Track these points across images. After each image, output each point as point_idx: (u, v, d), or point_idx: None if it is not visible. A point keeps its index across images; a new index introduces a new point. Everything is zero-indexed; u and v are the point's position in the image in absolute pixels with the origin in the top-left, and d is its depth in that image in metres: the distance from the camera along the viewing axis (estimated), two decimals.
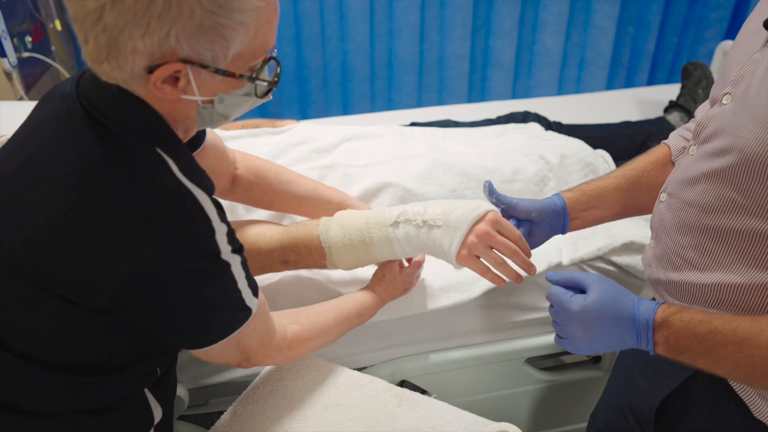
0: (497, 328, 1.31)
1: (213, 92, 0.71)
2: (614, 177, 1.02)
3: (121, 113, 0.69)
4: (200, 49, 0.65)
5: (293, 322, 0.93)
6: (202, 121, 0.75)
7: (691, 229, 0.80)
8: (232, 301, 0.77)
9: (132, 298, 0.70)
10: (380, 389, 1.05)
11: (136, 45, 0.63)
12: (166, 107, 0.72)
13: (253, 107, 0.79)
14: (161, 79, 0.66)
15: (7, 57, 1.85)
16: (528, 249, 0.99)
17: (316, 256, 1.09)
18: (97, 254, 0.67)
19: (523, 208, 1.01)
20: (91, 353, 0.77)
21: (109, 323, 0.74)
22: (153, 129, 0.71)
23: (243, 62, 0.70)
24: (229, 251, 0.74)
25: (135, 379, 0.83)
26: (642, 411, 0.92)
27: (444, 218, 1.01)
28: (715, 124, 0.78)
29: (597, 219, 1.03)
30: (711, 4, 2.79)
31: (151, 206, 0.67)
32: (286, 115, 2.75)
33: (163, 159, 0.70)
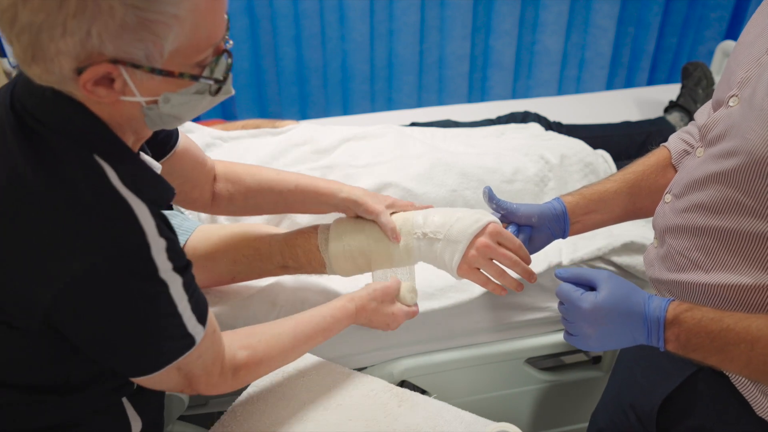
0: (497, 328, 1.31)
1: (156, 92, 0.65)
2: (614, 181, 1.02)
3: (55, 118, 0.64)
4: (129, 48, 0.59)
5: (244, 347, 0.85)
6: (151, 122, 0.69)
7: (696, 230, 0.80)
8: (171, 327, 0.70)
9: (63, 319, 0.65)
10: (380, 389, 1.05)
11: (58, 46, 0.58)
12: (106, 110, 0.66)
13: (212, 105, 0.72)
14: (92, 82, 0.61)
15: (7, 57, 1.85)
16: (528, 257, 0.99)
17: (315, 265, 1.09)
18: (25, 272, 0.63)
19: (523, 214, 1.01)
20: (45, 373, 0.73)
21: (54, 345, 0.70)
22: (91, 134, 0.66)
23: (185, 58, 0.63)
24: (170, 269, 0.68)
25: (102, 395, 0.78)
26: (644, 409, 0.92)
27: (444, 231, 1.01)
28: (721, 126, 0.78)
29: (597, 223, 1.03)
30: (711, 4, 2.79)
31: (79, 219, 0.62)
32: (286, 115, 2.75)
33: (98, 167, 0.64)
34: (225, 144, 1.52)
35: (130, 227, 0.64)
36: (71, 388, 0.75)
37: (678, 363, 0.87)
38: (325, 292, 1.21)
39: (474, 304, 1.24)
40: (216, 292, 1.19)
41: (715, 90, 0.89)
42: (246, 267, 1.13)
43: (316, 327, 0.95)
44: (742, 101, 0.76)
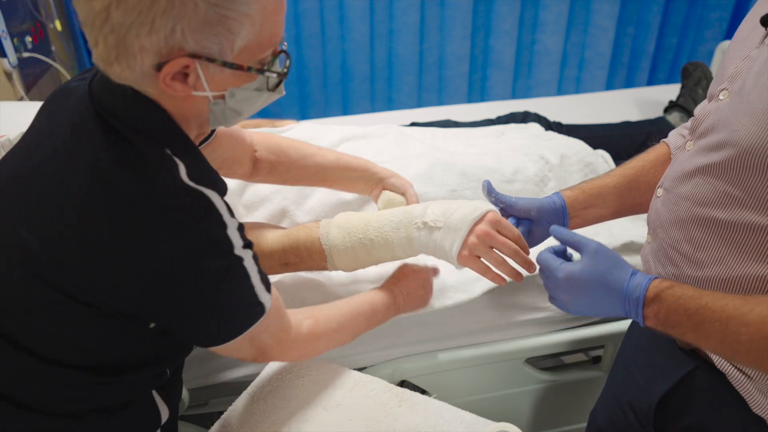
0: (497, 328, 1.31)
1: (223, 87, 0.71)
2: (613, 176, 1.02)
3: (132, 116, 0.70)
4: (206, 42, 0.65)
5: (308, 317, 0.93)
6: (215, 117, 0.75)
7: (684, 222, 0.81)
8: (247, 296, 0.77)
9: (153, 301, 0.71)
10: (380, 389, 1.05)
11: (143, 43, 0.63)
12: (177, 106, 0.72)
13: (267, 103, 0.79)
14: (170, 76, 0.66)
15: (7, 57, 1.85)
16: (527, 248, 1.00)
17: (316, 258, 1.09)
18: (114, 260, 0.68)
19: (522, 207, 1.01)
20: (108, 354, 0.78)
21: (127, 326, 0.75)
22: (163, 131, 0.71)
23: (251, 55, 0.70)
24: (241, 246, 0.75)
25: (146, 380, 0.84)
26: (641, 407, 0.92)
27: (444, 220, 1.01)
28: (711, 119, 0.79)
29: (596, 217, 1.03)
30: (711, 4, 2.80)
31: (162, 210, 0.68)
32: (286, 115, 2.75)
33: (172, 161, 0.70)
34: None
35: (208, 211, 0.71)
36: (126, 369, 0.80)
37: (675, 360, 0.87)
38: (325, 293, 1.21)
39: (474, 304, 1.24)
40: None
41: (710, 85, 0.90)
42: None
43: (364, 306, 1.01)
44: (731, 94, 0.76)
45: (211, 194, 0.72)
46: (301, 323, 0.91)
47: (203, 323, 0.77)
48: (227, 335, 0.78)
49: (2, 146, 1.22)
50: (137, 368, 0.81)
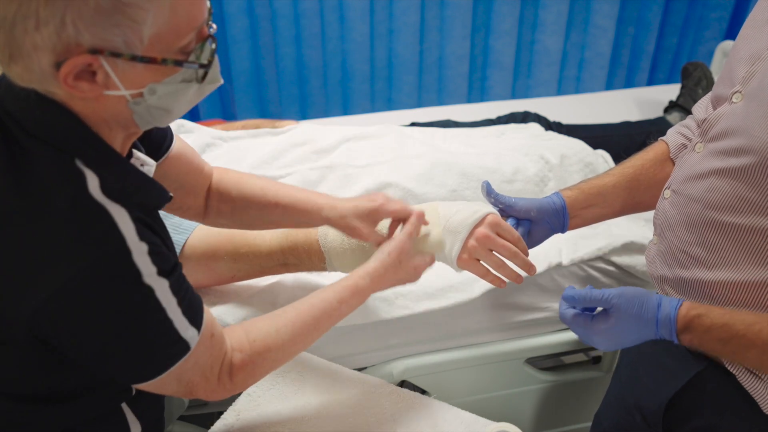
0: (497, 328, 1.31)
1: (140, 83, 0.62)
2: (613, 175, 1.02)
3: (37, 123, 0.62)
4: (107, 35, 0.57)
5: (238, 349, 0.80)
6: (141, 118, 0.66)
7: (696, 225, 0.81)
8: (162, 332, 0.68)
9: (49, 330, 0.63)
10: (380, 389, 1.05)
11: (34, 40, 0.55)
12: (90, 108, 0.63)
13: (202, 95, 0.69)
14: (72, 76, 0.58)
15: None
16: (527, 249, 0.99)
17: (315, 260, 1.09)
18: (5, 286, 0.62)
19: (521, 208, 1.01)
20: (37, 385, 0.72)
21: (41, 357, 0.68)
22: (74, 139, 0.63)
23: (166, 44, 0.61)
24: (154, 273, 0.65)
25: (100, 402, 0.77)
26: (650, 409, 0.92)
27: (444, 223, 1.01)
28: (725, 123, 0.78)
29: (596, 217, 1.03)
30: (711, 4, 2.79)
31: (56, 230, 0.61)
32: (286, 115, 2.75)
33: (78, 174, 0.62)
34: (225, 144, 1.52)
35: (108, 233, 0.62)
36: (65, 398, 0.73)
37: (683, 362, 0.87)
38: None
39: (474, 304, 1.24)
40: (216, 292, 1.19)
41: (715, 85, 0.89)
42: (246, 265, 1.13)
43: (320, 314, 0.86)
44: (746, 97, 0.76)
45: (117, 212, 0.63)
46: (231, 358, 0.79)
47: (112, 360, 0.68)
48: (144, 375, 0.70)
49: None
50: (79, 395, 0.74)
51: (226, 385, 0.79)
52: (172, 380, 0.72)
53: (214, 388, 0.78)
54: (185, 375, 0.73)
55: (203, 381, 0.76)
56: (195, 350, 0.72)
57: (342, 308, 0.89)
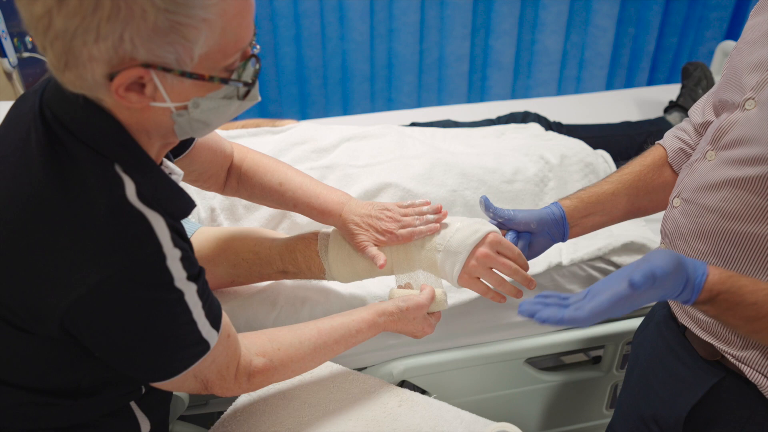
0: (497, 328, 1.31)
1: (185, 97, 0.65)
2: (611, 182, 1.02)
3: (83, 127, 0.65)
4: (160, 51, 0.60)
5: (262, 354, 0.86)
6: (180, 129, 0.69)
7: (710, 235, 0.80)
8: (187, 333, 0.72)
9: (80, 327, 0.66)
10: (380, 389, 1.05)
11: (91, 51, 0.58)
12: (135, 117, 0.66)
13: (240, 111, 0.73)
14: (124, 87, 0.61)
15: (7, 57, 1.85)
16: (527, 265, 1.00)
17: (314, 270, 1.09)
18: (43, 281, 0.64)
19: (521, 220, 1.01)
20: (57, 379, 0.74)
21: (67, 352, 0.71)
22: (114, 145, 0.66)
23: (214, 62, 0.64)
24: (184, 278, 0.69)
25: (112, 399, 0.80)
26: (667, 421, 0.91)
27: (444, 243, 1.01)
28: (738, 131, 0.77)
29: (596, 225, 1.03)
30: (711, 4, 2.80)
31: (96, 232, 0.63)
32: (286, 114, 2.75)
33: (118, 180, 0.65)
34: None
35: (146, 238, 0.65)
36: (82, 393, 0.76)
37: (698, 372, 0.86)
38: (325, 292, 1.21)
39: (474, 304, 1.24)
40: (216, 292, 1.19)
41: (717, 90, 0.88)
42: (245, 271, 1.13)
43: (339, 338, 0.94)
44: (759, 104, 0.75)
45: (154, 218, 0.66)
46: (251, 360, 0.85)
47: (137, 358, 0.71)
48: (165, 373, 0.73)
49: None
50: (95, 391, 0.77)
51: (243, 385, 0.85)
52: (190, 378, 0.76)
53: (230, 386, 0.83)
54: (202, 373, 0.77)
55: (219, 379, 0.80)
56: (213, 350, 0.76)
57: (357, 338, 0.97)
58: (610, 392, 1.46)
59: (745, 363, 0.80)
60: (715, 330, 0.83)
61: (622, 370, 1.42)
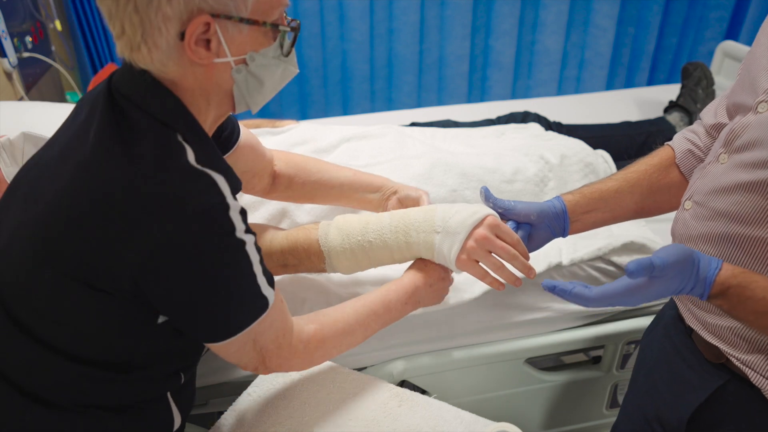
0: (497, 328, 1.31)
1: (243, 50, 0.74)
2: (615, 180, 1.01)
3: (147, 101, 0.72)
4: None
5: (312, 321, 0.90)
6: (238, 89, 0.77)
7: (720, 238, 0.79)
8: (248, 286, 0.76)
9: (152, 278, 0.70)
10: (380, 389, 1.05)
11: (165, 12, 0.67)
12: (200, 80, 0.74)
13: (285, 79, 0.81)
14: (194, 40, 0.69)
15: (7, 57, 1.85)
16: (526, 252, 0.99)
17: (315, 260, 1.09)
18: (116, 236, 0.68)
19: (521, 211, 1.00)
20: (113, 348, 0.78)
21: (133, 317, 0.75)
22: (178, 117, 0.73)
23: (263, 12, 0.73)
24: (243, 230, 0.74)
25: (157, 381, 0.83)
26: (671, 423, 0.90)
27: (443, 224, 1.01)
28: (752, 134, 0.77)
29: (598, 222, 1.02)
30: (711, 4, 2.80)
31: (163, 187, 0.68)
32: (286, 115, 2.75)
33: (180, 145, 0.72)
34: None
35: (211, 190, 0.71)
36: (133, 367, 0.79)
37: (703, 374, 0.85)
38: (325, 293, 1.21)
39: (474, 304, 1.24)
40: None
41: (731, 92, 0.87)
42: None
43: (380, 303, 0.98)
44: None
45: (216, 176, 0.72)
46: (303, 328, 0.88)
47: (203, 311, 0.75)
48: (229, 329, 0.77)
49: (2, 146, 1.22)
50: (146, 366, 0.80)
51: (300, 354, 0.87)
52: (249, 342, 0.79)
53: (287, 356, 0.85)
54: (261, 338, 0.80)
55: (276, 348, 0.83)
56: (271, 310, 0.79)
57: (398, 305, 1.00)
58: (610, 392, 1.46)
59: (750, 367, 0.80)
60: (721, 333, 0.83)
61: (622, 369, 1.42)
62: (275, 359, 0.84)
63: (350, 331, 0.94)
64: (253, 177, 1.11)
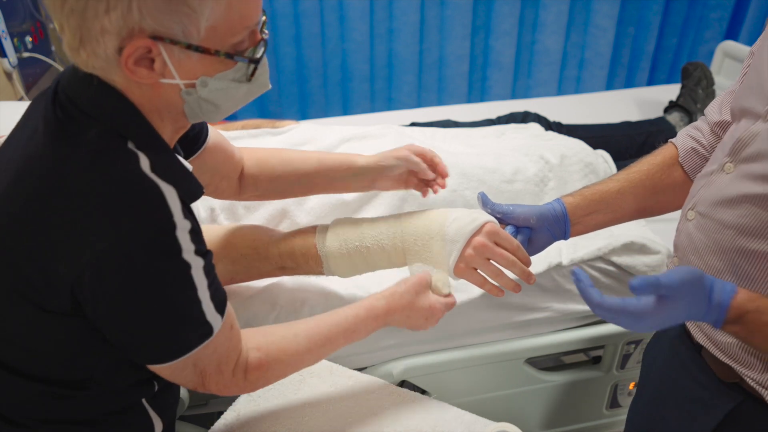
0: (497, 328, 1.31)
1: (194, 74, 0.67)
2: (617, 180, 0.99)
3: (95, 105, 0.67)
4: (168, 22, 0.61)
5: (257, 348, 0.82)
6: (191, 110, 0.71)
7: (727, 251, 0.77)
8: (191, 311, 0.70)
9: (88, 294, 0.66)
10: (380, 389, 1.05)
11: (103, 24, 0.61)
12: (147, 95, 0.68)
13: (250, 97, 0.74)
14: (133, 60, 0.63)
15: (7, 57, 1.85)
16: (527, 258, 0.97)
17: (312, 264, 1.09)
18: (55, 249, 0.64)
19: (519, 215, 0.98)
20: (71, 367, 0.75)
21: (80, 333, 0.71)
22: (129, 124, 0.68)
23: (220, 38, 0.65)
24: (192, 251, 0.69)
25: (126, 392, 0.80)
26: None
27: (441, 231, 1.01)
28: (759, 144, 0.74)
29: (600, 224, 1.00)
30: (711, 4, 2.80)
31: (108, 198, 0.64)
32: (286, 115, 2.75)
33: (132, 153, 0.66)
34: None
35: (157, 206, 0.66)
36: (95, 383, 0.76)
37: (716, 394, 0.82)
38: (325, 293, 1.21)
39: (474, 304, 1.24)
40: None
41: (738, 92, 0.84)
42: (244, 267, 1.13)
43: (336, 328, 0.89)
44: None
45: (166, 189, 0.66)
46: (247, 356, 0.81)
47: (140, 334, 0.70)
48: (167, 354, 0.72)
49: None
50: (108, 381, 0.77)
51: (239, 383, 0.81)
52: (189, 366, 0.74)
53: (227, 382, 0.80)
54: (201, 362, 0.75)
55: (217, 373, 0.78)
56: (216, 337, 0.74)
57: (358, 326, 0.91)
58: (610, 392, 1.46)
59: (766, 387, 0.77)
60: (733, 352, 0.80)
61: (622, 370, 1.42)
62: (214, 384, 0.79)
63: (298, 360, 0.87)
64: (221, 180, 1.04)
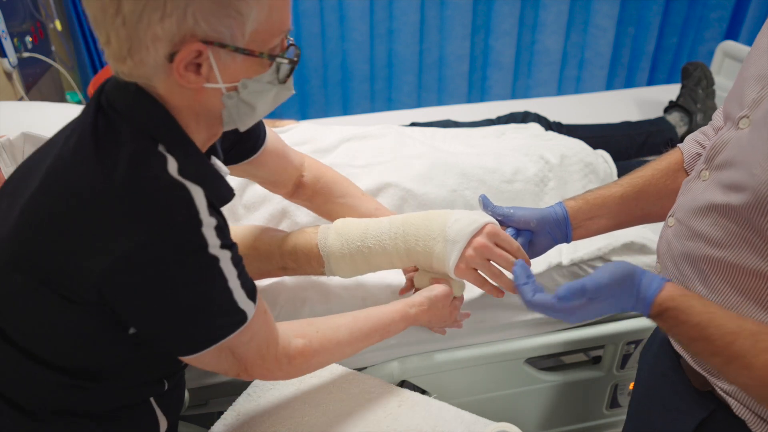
0: (497, 328, 1.31)
1: (235, 77, 0.70)
2: (620, 185, 0.98)
3: (129, 109, 0.69)
4: (218, 26, 0.64)
5: (300, 336, 0.86)
6: (228, 114, 0.74)
7: (696, 260, 0.77)
8: (222, 301, 0.73)
9: (116, 290, 0.68)
10: (380, 389, 1.05)
11: (155, 31, 0.62)
12: (188, 100, 0.70)
13: (278, 101, 0.78)
14: (184, 65, 0.65)
15: (7, 57, 1.85)
16: (527, 259, 0.98)
17: (314, 264, 1.09)
18: (84, 243, 0.66)
19: (520, 218, 0.99)
20: (87, 357, 0.76)
21: (101, 325, 0.73)
22: (162, 128, 0.70)
23: (261, 42, 0.69)
24: (218, 245, 0.71)
25: (136, 388, 0.82)
26: None
27: (442, 232, 1.01)
28: (730, 152, 0.74)
29: (601, 228, 1.00)
30: (711, 4, 2.80)
31: (135, 198, 0.66)
32: (286, 115, 2.75)
33: (161, 156, 0.69)
34: None
35: (183, 204, 0.68)
36: (108, 376, 0.78)
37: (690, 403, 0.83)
38: (325, 293, 1.21)
39: (474, 304, 1.24)
40: None
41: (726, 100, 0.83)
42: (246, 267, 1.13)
43: (374, 325, 0.97)
44: (752, 125, 0.71)
45: (193, 189, 0.69)
46: (290, 342, 0.85)
47: (172, 326, 0.72)
48: (200, 343, 0.73)
49: (2, 147, 1.22)
50: (118, 375, 0.79)
51: (284, 367, 0.85)
52: (227, 354, 0.76)
53: (271, 367, 0.83)
54: (240, 349, 0.77)
55: (259, 359, 0.80)
56: (252, 323, 0.76)
57: (390, 328, 1.00)
58: (610, 392, 1.46)
59: (733, 396, 0.77)
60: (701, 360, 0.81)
61: (622, 370, 1.42)
62: (258, 369, 0.81)
63: (339, 351, 0.92)
64: (276, 183, 1.11)
